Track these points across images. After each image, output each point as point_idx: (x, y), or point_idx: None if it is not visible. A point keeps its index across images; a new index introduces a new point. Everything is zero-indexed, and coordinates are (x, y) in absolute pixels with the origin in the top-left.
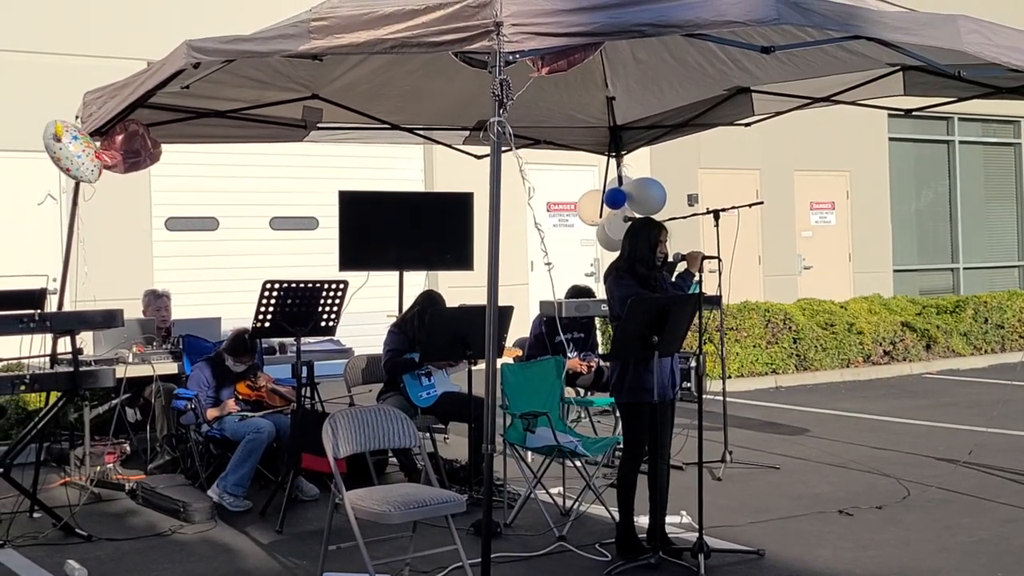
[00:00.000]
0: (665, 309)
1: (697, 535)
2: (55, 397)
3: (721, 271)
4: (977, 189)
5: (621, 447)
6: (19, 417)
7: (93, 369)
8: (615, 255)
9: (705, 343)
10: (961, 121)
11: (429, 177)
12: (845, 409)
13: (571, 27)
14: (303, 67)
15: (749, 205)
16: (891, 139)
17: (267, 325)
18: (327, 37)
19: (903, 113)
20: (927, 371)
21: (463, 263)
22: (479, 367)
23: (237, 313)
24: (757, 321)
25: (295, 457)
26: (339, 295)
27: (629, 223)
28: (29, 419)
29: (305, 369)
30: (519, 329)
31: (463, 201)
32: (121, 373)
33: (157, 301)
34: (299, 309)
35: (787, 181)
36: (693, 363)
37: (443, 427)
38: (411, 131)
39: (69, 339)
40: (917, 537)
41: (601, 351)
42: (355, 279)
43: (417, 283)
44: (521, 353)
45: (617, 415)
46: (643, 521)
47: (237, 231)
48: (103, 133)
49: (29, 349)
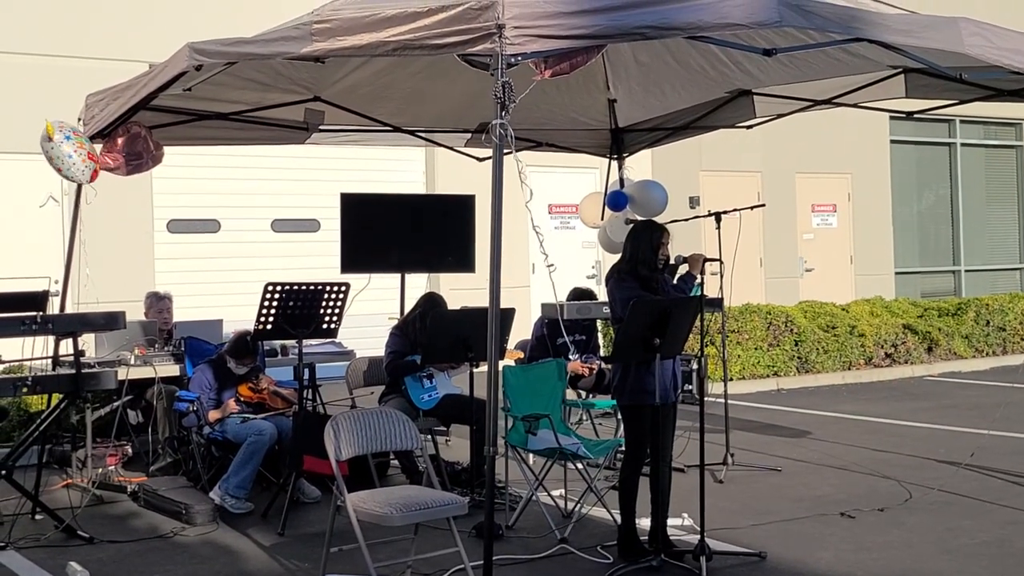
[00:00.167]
0: (667, 311)
1: (699, 537)
2: (57, 399)
3: (723, 273)
4: (979, 192)
5: (623, 449)
6: (21, 419)
7: (95, 371)
8: (616, 258)
9: (707, 345)
10: (963, 124)
11: (431, 179)
12: (847, 411)
13: (573, 30)
14: (305, 69)
15: (751, 207)
16: (892, 141)
17: (269, 327)
18: (329, 39)
19: (905, 115)
20: (928, 373)
21: (464, 265)
22: (481, 369)
23: (239, 315)
24: (759, 323)
25: (297, 459)
26: (341, 297)
27: (631, 225)
28: (31, 421)
29: (307, 371)
30: (521, 331)
31: (465, 203)
32: (123, 375)
33: (159, 303)
34: (301, 311)
35: (789, 183)
36: (695, 365)
37: (445, 429)
38: (413, 133)
39: (71, 341)
40: (919, 539)
41: (603, 353)
42: (357, 281)
43: (419, 285)
44: (523, 355)
45: (619, 417)
46: (645, 523)
47: (239, 233)
48: (105, 135)
49: (31, 351)
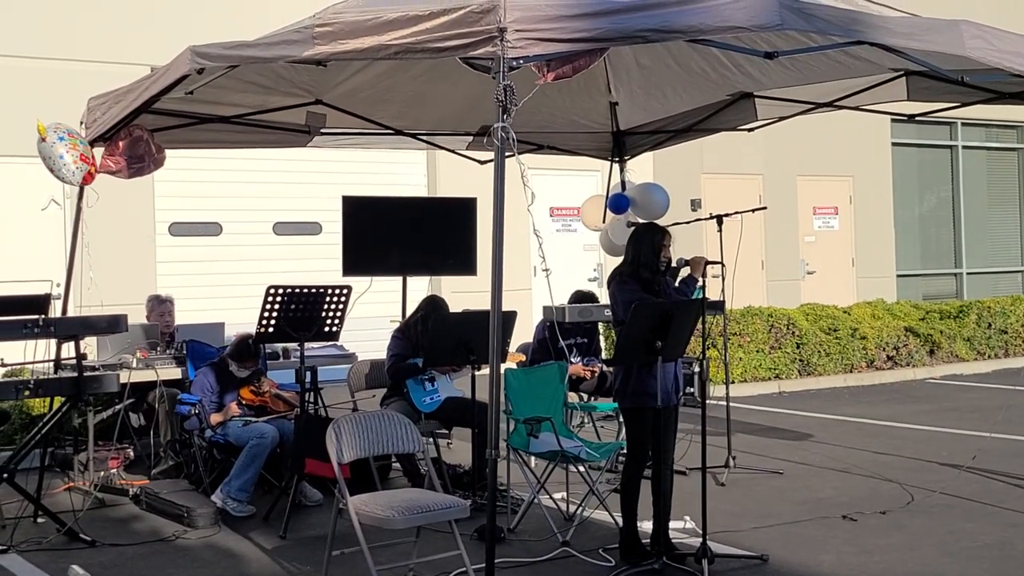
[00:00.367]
0: (669, 314)
1: (701, 540)
2: (59, 402)
3: (724, 276)
4: (980, 194)
5: (624, 452)
6: (23, 422)
7: (97, 374)
8: (618, 260)
9: (708, 348)
10: (964, 126)
11: (432, 182)
12: (848, 414)
13: (575, 33)
14: (307, 72)
15: (752, 210)
16: (894, 144)
17: (271, 330)
18: (331, 43)
19: (906, 118)
20: (930, 376)
21: (466, 268)
22: (482, 372)
23: (241, 318)
24: (760, 326)
25: (299, 462)
26: (342, 300)
27: (632, 228)
28: (33, 424)
29: (309, 374)
30: (522, 334)
31: (466, 206)
32: (125, 378)
33: (161, 306)
34: (303, 314)
35: (790, 186)
36: (696, 368)
37: (446, 432)
38: (414, 136)
39: (73, 344)
40: (921, 542)
41: (604, 356)
42: (358, 284)
43: (420, 288)
44: (524, 358)
45: (620, 420)
46: (647, 526)
47: (241, 236)
48: (107, 138)
49: (33, 354)
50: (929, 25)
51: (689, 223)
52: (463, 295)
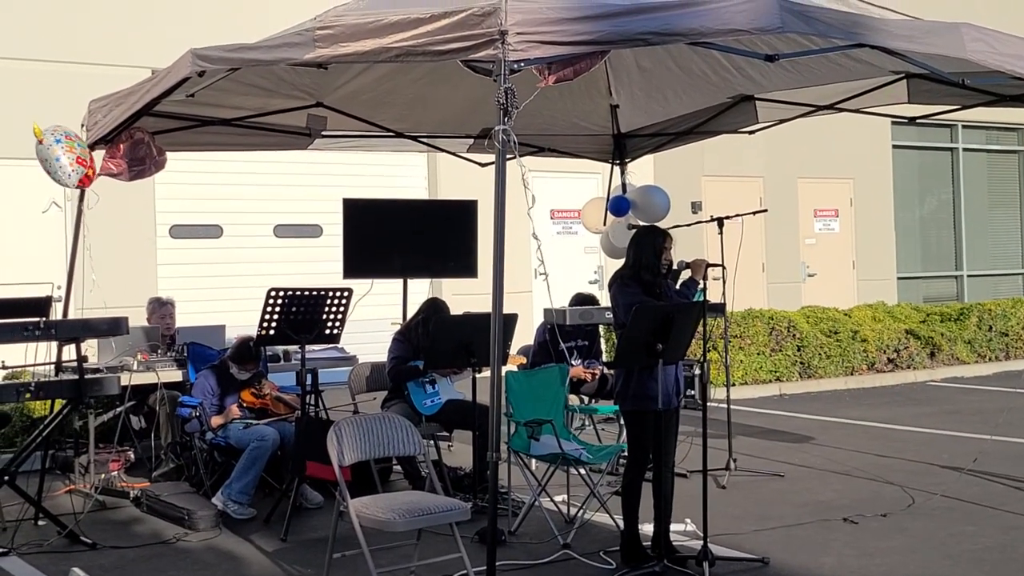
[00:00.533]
0: (669, 317)
1: (702, 543)
2: (60, 405)
3: (725, 279)
4: (981, 196)
5: (625, 455)
6: (24, 425)
7: (98, 377)
8: (619, 263)
9: (709, 351)
10: (965, 129)
11: (433, 185)
12: (849, 417)
13: (576, 36)
14: (308, 75)
15: (753, 213)
16: (895, 146)
17: (271, 333)
18: (332, 46)
19: (907, 121)
20: (931, 379)
21: (467, 271)
22: (483, 375)
23: (241, 321)
24: (761, 329)
25: (299, 465)
26: (343, 303)
27: (633, 231)
28: (34, 427)
29: (309, 377)
30: (523, 337)
31: (467, 209)
32: (126, 381)
33: (161, 309)
34: (303, 317)
35: (791, 188)
36: (697, 371)
37: (447, 435)
38: (415, 139)
39: (74, 346)
40: (922, 545)
41: (605, 358)
42: (359, 287)
43: (421, 291)
44: (525, 361)
45: (621, 423)
46: (648, 529)
47: (241, 239)
48: (109, 141)
49: (35, 357)
50: (930, 28)
51: (690, 225)
52: (464, 297)
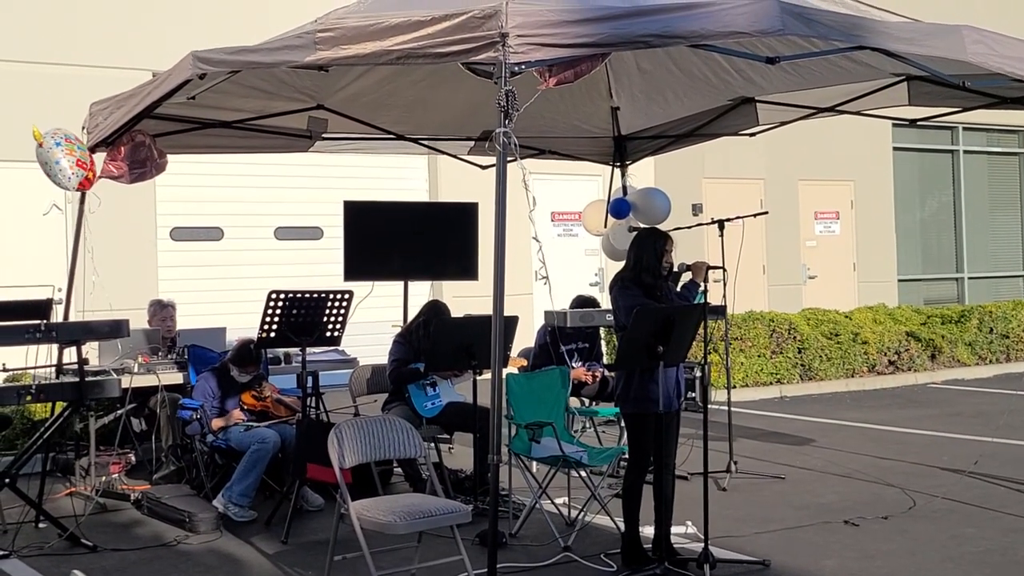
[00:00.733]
0: (670, 319)
1: (702, 545)
2: (61, 407)
3: (726, 281)
4: (981, 199)
5: (626, 457)
6: (25, 427)
7: (99, 379)
8: (619, 265)
9: (710, 353)
10: (965, 131)
11: (434, 187)
12: (850, 419)
13: (577, 38)
14: (308, 77)
15: (754, 215)
16: (895, 149)
17: (272, 335)
18: (333, 48)
19: (907, 123)
20: (932, 381)
21: (468, 273)
22: (484, 377)
23: (242, 323)
24: (762, 331)
25: (300, 467)
26: (344, 305)
27: (634, 233)
28: (35, 429)
29: (310, 379)
30: (524, 339)
31: (468, 211)
32: (126, 383)
33: (162, 311)
34: (304, 319)
35: (791, 191)
36: (698, 373)
37: (448, 437)
38: (416, 141)
39: (75, 349)
40: (923, 547)
41: (606, 361)
42: (360, 289)
43: (422, 293)
44: (526, 363)
45: (622, 425)
46: (648, 531)
47: (242, 241)
48: (109, 143)
49: (35, 359)
50: (930, 30)
51: (690, 228)
52: (464, 300)
